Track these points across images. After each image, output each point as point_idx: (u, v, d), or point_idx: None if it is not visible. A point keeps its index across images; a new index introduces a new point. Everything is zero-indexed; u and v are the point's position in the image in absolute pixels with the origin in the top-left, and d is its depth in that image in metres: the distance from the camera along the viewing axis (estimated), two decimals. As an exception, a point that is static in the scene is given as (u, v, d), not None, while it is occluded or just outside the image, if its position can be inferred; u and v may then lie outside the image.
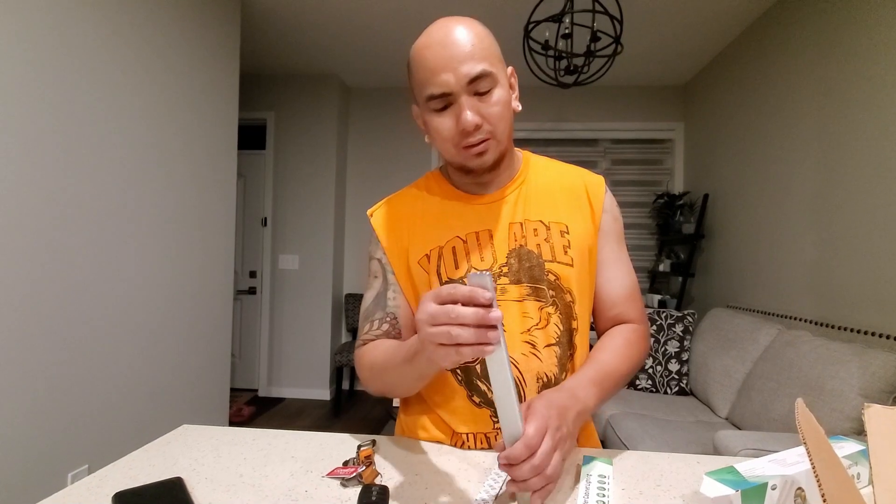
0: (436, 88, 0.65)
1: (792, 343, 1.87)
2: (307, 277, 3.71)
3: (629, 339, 0.74)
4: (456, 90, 0.65)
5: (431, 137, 0.72)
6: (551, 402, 0.56)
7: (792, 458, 0.55)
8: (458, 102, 0.65)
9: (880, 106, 1.80)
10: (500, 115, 0.68)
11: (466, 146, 0.68)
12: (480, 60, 0.65)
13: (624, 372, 0.70)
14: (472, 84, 0.65)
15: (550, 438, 0.51)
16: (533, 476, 0.50)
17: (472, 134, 0.66)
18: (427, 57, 0.65)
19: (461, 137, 0.67)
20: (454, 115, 0.66)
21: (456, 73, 0.64)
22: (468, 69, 0.64)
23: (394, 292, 0.77)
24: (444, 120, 0.67)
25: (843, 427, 1.49)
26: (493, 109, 0.67)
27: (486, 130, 0.67)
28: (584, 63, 2.18)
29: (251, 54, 3.39)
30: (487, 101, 0.66)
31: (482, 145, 0.68)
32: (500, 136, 0.69)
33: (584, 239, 0.75)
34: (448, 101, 0.66)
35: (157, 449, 0.68)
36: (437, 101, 0.66)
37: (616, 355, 0.71)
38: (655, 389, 2.52)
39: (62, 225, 1.55)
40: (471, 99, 0.65)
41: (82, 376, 1.64)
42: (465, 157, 0.70)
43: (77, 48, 1.59)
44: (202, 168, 2.27)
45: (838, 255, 2.01)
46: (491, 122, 0.67)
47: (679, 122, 3.70)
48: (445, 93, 0.65)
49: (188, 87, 2.15)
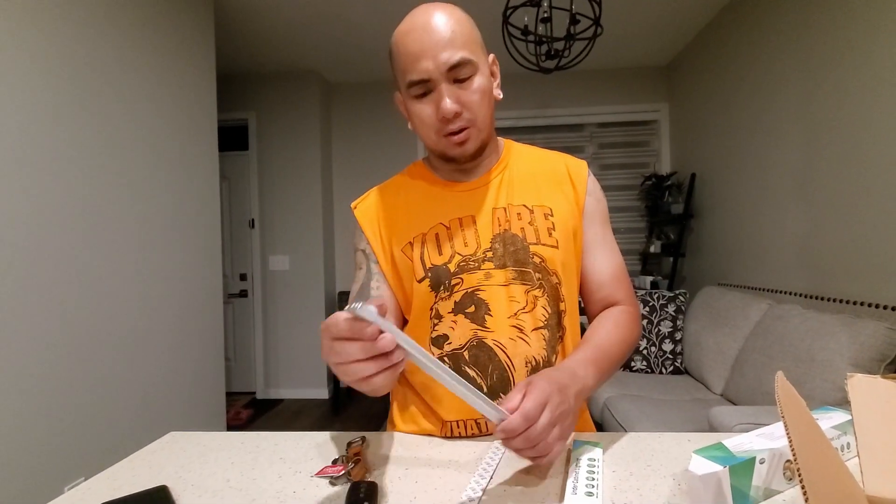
0: (415, 75, 0.65)
1: (782, 317, 1.88)
2: (299, 277, 3.69)
3: (620, 321, 0.74)
4: (436, 77, 0.65)
5: (413, 124, 0.72)
6: (552, 378, 0.55)
7: (780, 431, 0.55)
8: (437, 89, 0.66)
9: (861, 79, 1.80)
10: (480, 103, 0.68)
11: (447, 134, 0.68)
12: (461, 48, 0.65)
13: (619, 353, 0.70)
14: (451, 71, 0.65)
15: (549, 413, 0.51)
16: (528, 447, 0.49)
17: (451, 121, 0.67)
18: (407, 43, 0.65)
19: (441, 125, 0.67)
20: (434, 102, 0.66)
21: (436, 60, 0.64)
22: (448, 56, 0.64)
23: (377, 282, 0.76)
24: (425, 107, 0.67)
25: (834, 397, 1.50)
26: (473, 97, 0.67)
27: (465, 118, 0.67)
28: (565, 47, 2.16)
29: (228, 54, 3.33)
30: (467, 89, 0.67)
31: (463, 133, 0.68)
32: (480, 124, 0.69)
33: (568, 220, 0.75)
34: (428, 88, 0.66)
35: (143, 458, 0.67)
36: (417, 87, 0.66)
37: (610, 337, 0.70)
38: (650, 370, 2.54)
39: (41, 234, 1.52)
40: (450, 86, 0.66)
41: (73, 388, 1.61)
42: (446, 146, 0.69)
43: (37, 51, 1.55)
44: (183, 171, 2.23)
45: (824, 227, 2.02)
46: (471, 110, 0.67)
47: (663, 103, 3.69)
48: (425, 79, 0.65)
49: (162, 90, 2.11)
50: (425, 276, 0.72)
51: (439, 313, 0.72)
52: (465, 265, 0.72)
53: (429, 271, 0.72)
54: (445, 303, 0.72)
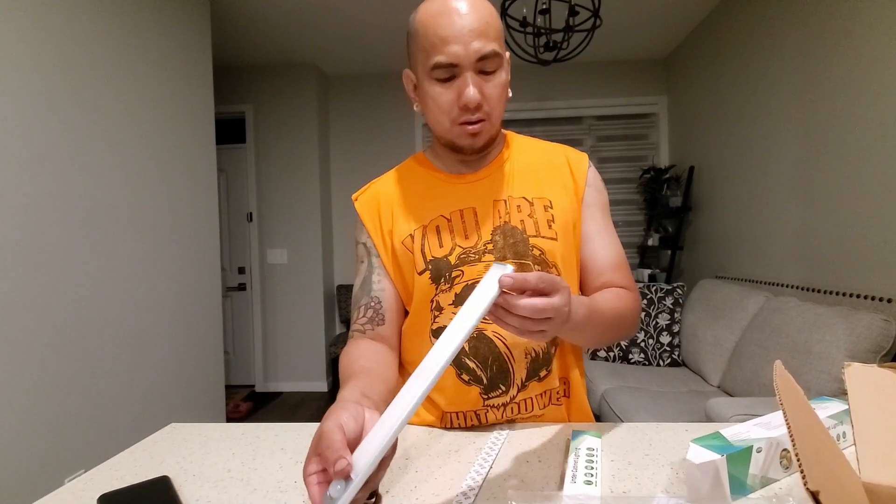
0: (444, 57, 0.64)
1: (779, 309, 1.89)
2: (297, 271, 3.69)
3: (620, 294, 0.72)
4: (465, 64, 0.64)
5: (426, 107, 0.70)
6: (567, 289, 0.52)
7: (777, 420, 0.55)
8: (462, 76, 0.65)
9: (860, 73, 1.80)
10: (500, 98, 0.68)
11: (462, 122, 0.67)
12: (493, 39, 0.64)
13: (612, 318, 0.66)
14: (480, 62, 0.64)
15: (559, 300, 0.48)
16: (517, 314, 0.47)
17: (472, 111, 0.66)
18: (440, 24, 0.64)
19: (460, 112, 0.67)
20: (456, 89, 0.65)
21: (467, 48, 0.63)
22: (480, 45, 0.63)
23: (378, 276, 0.76)
24: (445, 91, 0.66)
25: (830, 388, 1.52)
26: (495, 91, 0.67)
27: (484, 111, 0.67)
28: (564, 38, 2.15)
29: (224, 46, 3.30)
30: (491, 82, 0.66)
31: (478, 125, 0.67)
32: (495, 119, 0.69)
33: (568, 213, 0.75)
34: (453, 73, 0.65)
35: (144, 449, 0.68)
36: (442, 70, 0.65)
37: (607, 301, 0.67)
38: (648, 362, 2.55)
39: (39, 229, 1.51)
40: (476, 76, 0.65)
41: (72, 382, 1.62)
42: (458, 134, 0.69)
43: (30, 43, 1.54)
44: (180, 164, 2.22)
45: (821, 220, 2.02)
46: (490, 104, 0.67)
47: (662, 96, 3.68)
48: (454, 63, 0.64)
49: (159, 82, 2.10)
50: (426, 269, 0.72)
51: (440, 305, 0.72)
52: (465, 257, 0.72)
53: (429, 263, 0.72)
54: (446, 295, 0.72)
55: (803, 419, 0.30)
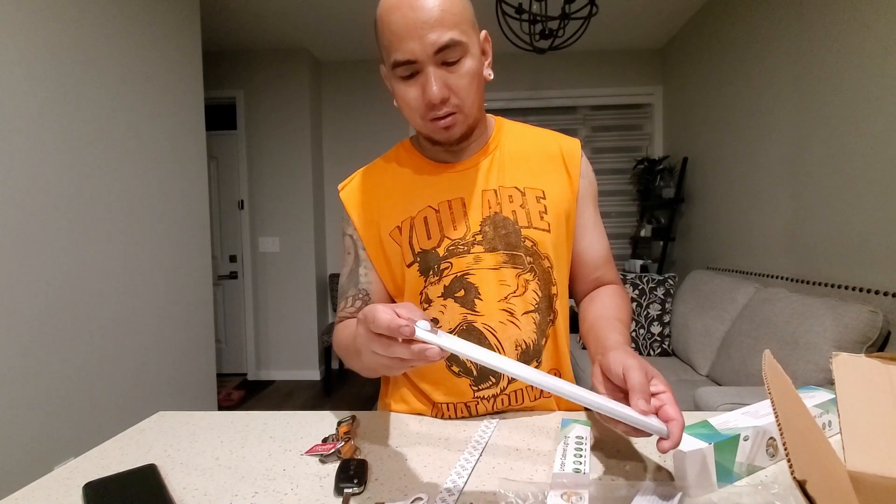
0: (400, 55, 0.61)
1: (768, 300, 1.91)
2: (289, 259, 3.67)
3: (620, 295, 0.76)
4: (422, 59, 0.61)
5: (399, 105, 0.69)
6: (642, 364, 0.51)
7: (764, 409, 0.56)
8: (424, 72, 0.62)
9: (854, 67, 1.80)
10: (468, 88, 0.64)
11: (433, 118, 0.65)
12: (450, 28, 0.60)
13: (629, 318, 0.73)
14: (439, 54, 0.61)
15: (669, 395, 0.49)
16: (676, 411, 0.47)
17: (437, 107, 0.63)
18: (393, 20, 0.60)
19: (427, 110, 0.64)
20: (420, 86, 0.63)
21: (422, 42, 0.59)
22: (435, 38, 0.59)
23: (365, 268, 0.76)
24: (410, 89, 0.64)
25: (817, 378, 1.54)
26: (461, 82, 0.63)
27: (452, 104, 0.64)
28: (559, 26, 2.13)
29: (214, 30, 3.24)
30: (456, 73, 0.63)
31: (449, 119, 0.65)
32: (467, 109, 0.66)
33: (562, 204, 0.74)
34: (414, 70, 0.62)
35: (131, 437, 0.67)
36: (402, 68, 0.62)
37: (621, 311, 0.71)
38: (638, 351, 2.57)
39: (25, 218, 1.49)
40: (438, 70, 0.62)
41: (62, 371, 1.60)
42: (432, 130, 0.67)
43: (14, 29, 1.49)
44: (169, 151, 2.19)
45: (812, 213, 2.04)
46: (458, 96, 0.64)
47: (657, 86, 3.67)
48: (411, 60, 0.61)
49: (146, 67, 2.05)
50: (414, 261, 0.72)
51: (429, 297, 0.72)
52: (454, 249, 0.71)
53: (417, 256, 0.71)
54: (435, 287, 0.71)
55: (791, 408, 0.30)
